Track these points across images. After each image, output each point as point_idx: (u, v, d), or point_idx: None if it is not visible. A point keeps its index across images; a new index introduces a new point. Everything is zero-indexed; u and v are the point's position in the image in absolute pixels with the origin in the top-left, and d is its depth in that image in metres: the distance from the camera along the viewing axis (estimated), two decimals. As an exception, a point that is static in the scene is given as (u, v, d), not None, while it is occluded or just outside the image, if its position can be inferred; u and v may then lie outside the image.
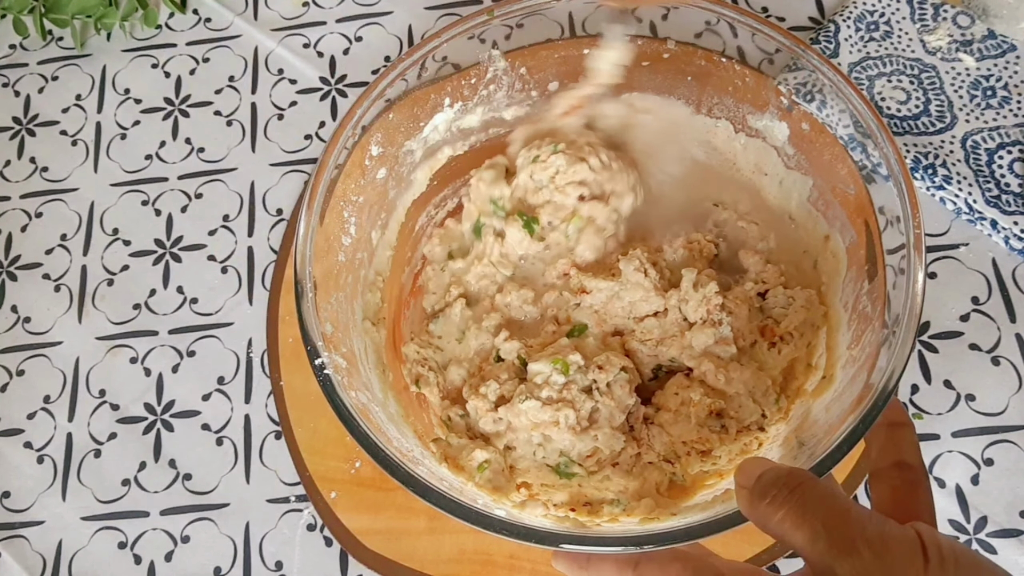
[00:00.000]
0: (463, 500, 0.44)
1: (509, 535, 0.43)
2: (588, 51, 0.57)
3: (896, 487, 0.40)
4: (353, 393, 0.49)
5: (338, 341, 0.52)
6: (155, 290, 0.71)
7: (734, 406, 0.55)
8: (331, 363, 0.48)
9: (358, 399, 0.49)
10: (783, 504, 0.34)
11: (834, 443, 0.42)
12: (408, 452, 0.49)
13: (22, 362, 0.70)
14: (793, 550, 0.34)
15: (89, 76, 0.81)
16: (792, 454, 0.48)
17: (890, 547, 0.32)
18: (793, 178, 0.59)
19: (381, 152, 0.58)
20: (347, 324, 0.55)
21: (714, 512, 0.42)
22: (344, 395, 0.47)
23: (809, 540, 0.33)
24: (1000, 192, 0.65)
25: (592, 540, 0.42)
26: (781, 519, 0.34)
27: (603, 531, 0.47)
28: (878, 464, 0.41)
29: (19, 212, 0.76)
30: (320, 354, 0.48)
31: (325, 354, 0.48)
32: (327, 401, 0.47)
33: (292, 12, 0.82)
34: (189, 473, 0.64)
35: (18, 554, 0.63)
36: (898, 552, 0.32)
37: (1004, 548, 0.56)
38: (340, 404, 0.47)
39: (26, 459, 0.66)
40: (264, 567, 0.61)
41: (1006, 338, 0.62)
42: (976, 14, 0.72)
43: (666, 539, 0.41)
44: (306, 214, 0.52)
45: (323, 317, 0.51)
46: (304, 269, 0.51)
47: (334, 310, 0.53)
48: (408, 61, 0.57)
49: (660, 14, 0.60)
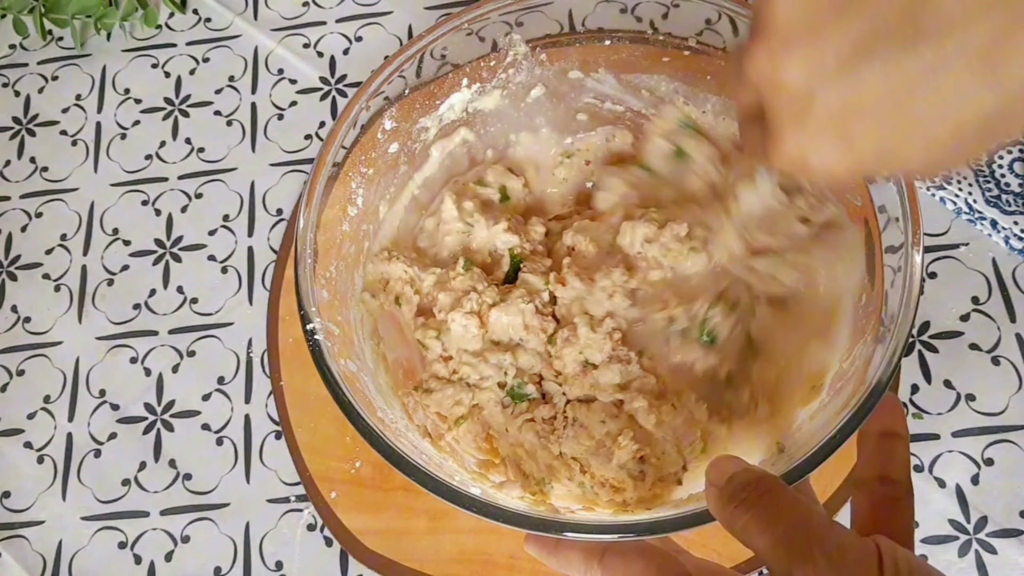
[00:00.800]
0: (439, 475, 0.45)
1: (481, 514, 0.43)
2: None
3: (876, 501, 0.40)
4: (342, 361, 0.49)
5: (334, 309, 0.52)
6: (155, 290, 0.71)
7: (657, 452, 0.52)
8: (323, 330, 0.49)
9: (347, 367, 0.50)
10: (749, 509, 0.35)
11: (816, 445, 0.42)
12: (392, 424, 0.49)
13: (22, 362, 0.70)
14: (755, 554, 0.35)
15: (89, 76, 0.81)
16: (772, 460, 0.48)
17: (846, 556, 0.32)
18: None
19: (395, 127, 0.59)
20: (345, 293, 0.55)
21: (685, 509, 0.42)
22: (332, 362, 0.48)
23: (770, 546, 0.33)
24: (1000, 192, 0.65)
25: (559, 526, 0.43)
26: (746, 523, 0.35)
27: (574, 519, 0.47)
28: (863, 474, 0.41)
29: (19, 212, 0.76)
30: (312, 319, 0.49)
31: (317, 320, 0.49)
32: (315, 367, 0.48)
33: (292, 12, 0.82)
34: (189, 473, 0.64)
35: (18, 554, 0.63)
36: (853, 561, 0.32)
37: (1004, 548, 0.56)
38: (326, 370, 0.47)
39: (26, 459, 0.66)
40: (264, 567, 0.61)
41: (1006, 338, 0.62)
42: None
43: (634, 530, 0.41)
44: (311, 183, 0.53)
45: (320, 284, 0.52)
46: (306, 235, 0.52)
47: (333, 278, 0.54)
48: (403, 57, 0.57)
49: (660, 13, 0.60)
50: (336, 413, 0.46)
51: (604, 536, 0.41)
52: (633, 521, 0.43)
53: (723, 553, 0.56)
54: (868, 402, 0.43)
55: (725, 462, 0.38)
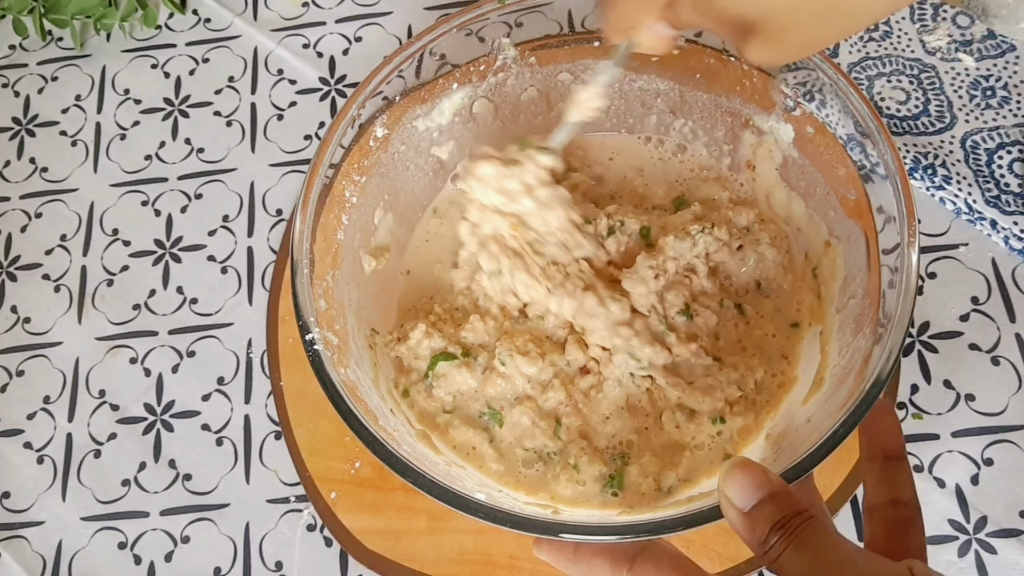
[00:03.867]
0: (442, 480, 0.45)
1: (486, 518, 0.43)
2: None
3: (890, 525, 0.40)
4: (343, 370, 0.50)
5: (331, 318, 0.53)
6: (155, 290, 0.71)
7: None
8: (321, 339, 0.49)
9: (347, 376, 0.50)
10: (786, 542, 0.34)
11: (817, 443, 0.42)
12: (394, 431, 0.50)
13: (22, 362, 0.70)
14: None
15: (89, 76, 0.81)
16: (772, 458, 0.48)
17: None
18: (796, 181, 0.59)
19: (386, 133, 0.59)
20: (343, 302, 0.55)
21: (691, 507, 0.42)
22: (332, 371, 0.48)
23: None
24: (1000, 192, 0.65)
25: (562, 528, 0.42)
26: (783, 559, 0.34)
27: (576, 520, 0.47)
28: (873, 500, 0.42)
29: (19, 212, 0.76)
30: (311, 330, 0.49)
31: (316, 330, 0.49)
32: (315, 376, 0.48)
33: (291, 12, 0.82)
34: (189, 473, 0.64)
35: (18, 554, 0.63)
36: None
37: (1004, 548, 0.56)
38: (327, 379, 0.48)
39: (26, 459, 0.66)
40: (264, 567, 0.61)
41: (1006, 338, 0.62)
42: (976, 14, 0.72)
43: (637, 531, 0.41)
44: (305, 192, 0.53)
45: (318, 293, 0.52)
46: (302, 245, 0.52)
47: (330, 288, 0.54)
48: (401, 56, 0.57)
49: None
50: (336, 414, 0.47)
51: (607, 537, 0.41)
52: (636, 521, 0.42)
53: (723, 554, 0.56)
54: (867, 399, 0.43)
55: (742, 476, 0.36)
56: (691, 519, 0.41)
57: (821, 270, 0.57)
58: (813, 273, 0.58)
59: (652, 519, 0.42)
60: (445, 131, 0.63)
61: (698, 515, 0.41)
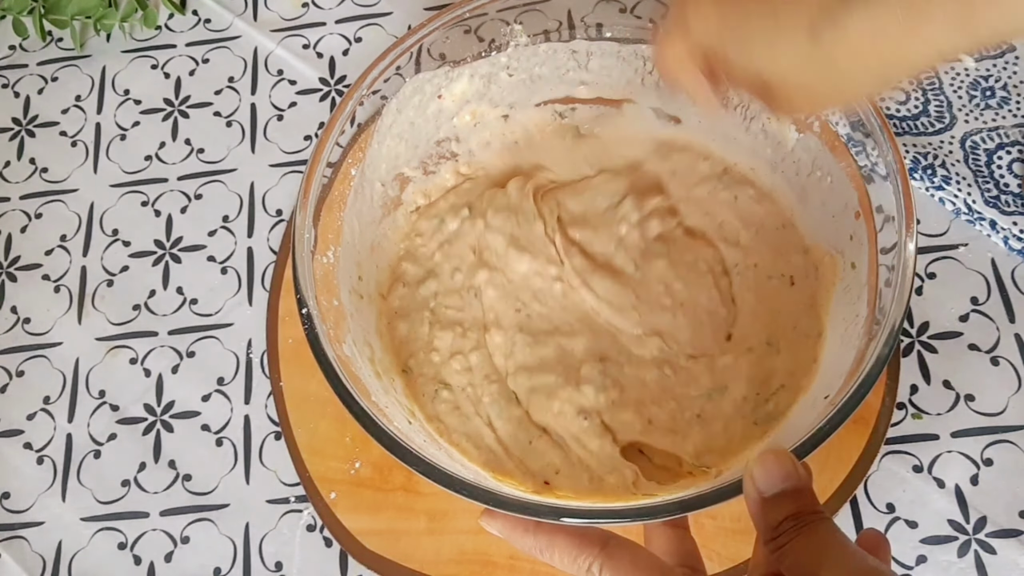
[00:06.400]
0: (431, 458, 0.44)
1: (471, 497, 0.42)
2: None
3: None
4: (339, 345, 0.50)
5: (331, 293, 0.53)
6: (155, 291, 0.71)
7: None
8: (318, 315, 0.49)
9: (343, 351, 0.50)
10: (793, 533, 0.36)
11: (806, 435, 0.42)
12: (386, 408, 0.50)
13: (22, 363, 0.70)
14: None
15: (89, 77, 0.81)
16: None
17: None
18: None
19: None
20: (343, 279, 0.56)
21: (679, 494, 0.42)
22: (328, 346, 0.48)
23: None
24: (999, 192, 0.65)
25: (555, 511, 0.42)
26: (786, 542, 0.36)
27: (570, 504, 0.47)
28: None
29: (19, 213, 0.76)
30: (307, 304, 0.49)
31: (313, 304, 0.49)
32: (311, 351, 0.48)
33: (291, 13, 0.82)
34: (189, 474, 0.64)
35: (18, 555, 0.63)
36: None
37: (1004, 548, 0.56)
38: (322, 355, 0.48)
39: (26, 460, 0.66)
40: (264, 568, 0.61)
41: (1005, 338, 0.62)
42: (975, 14, 0.72)
43: (631, 515, 0.41)
44: (309, 171, 0.53)
45: (318, 269, 0.52)
46: (304, 221, 0.52)
47: (331, 263, 0.54)
48: (398, 50, 0.57)
49: (661, 12, 0.60)
50: (336, 413, 0.47)
51: (600, 521, 0.41)
52: (630, 506, 0.42)
53: (723, 554, 0.56)
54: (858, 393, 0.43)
55: (775, 463, 0.37)
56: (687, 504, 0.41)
57: (821, 271, 0.57)
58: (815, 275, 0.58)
59: (638, 505, 0.42)
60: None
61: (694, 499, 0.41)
